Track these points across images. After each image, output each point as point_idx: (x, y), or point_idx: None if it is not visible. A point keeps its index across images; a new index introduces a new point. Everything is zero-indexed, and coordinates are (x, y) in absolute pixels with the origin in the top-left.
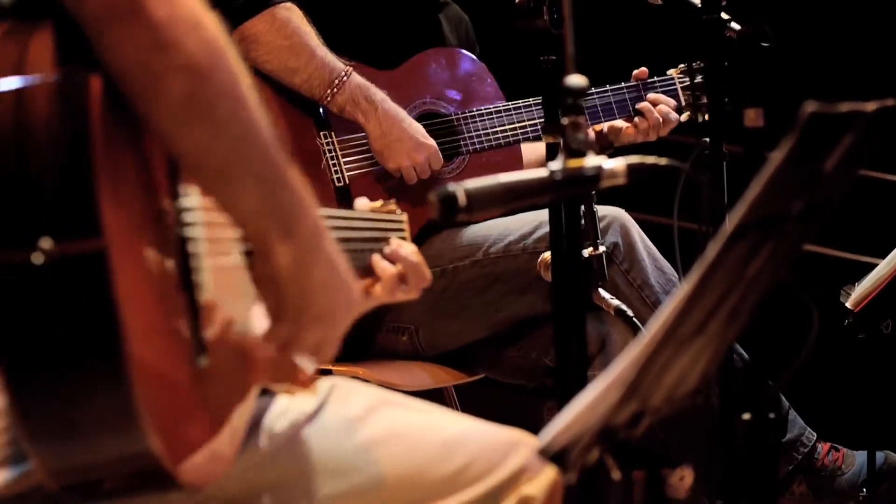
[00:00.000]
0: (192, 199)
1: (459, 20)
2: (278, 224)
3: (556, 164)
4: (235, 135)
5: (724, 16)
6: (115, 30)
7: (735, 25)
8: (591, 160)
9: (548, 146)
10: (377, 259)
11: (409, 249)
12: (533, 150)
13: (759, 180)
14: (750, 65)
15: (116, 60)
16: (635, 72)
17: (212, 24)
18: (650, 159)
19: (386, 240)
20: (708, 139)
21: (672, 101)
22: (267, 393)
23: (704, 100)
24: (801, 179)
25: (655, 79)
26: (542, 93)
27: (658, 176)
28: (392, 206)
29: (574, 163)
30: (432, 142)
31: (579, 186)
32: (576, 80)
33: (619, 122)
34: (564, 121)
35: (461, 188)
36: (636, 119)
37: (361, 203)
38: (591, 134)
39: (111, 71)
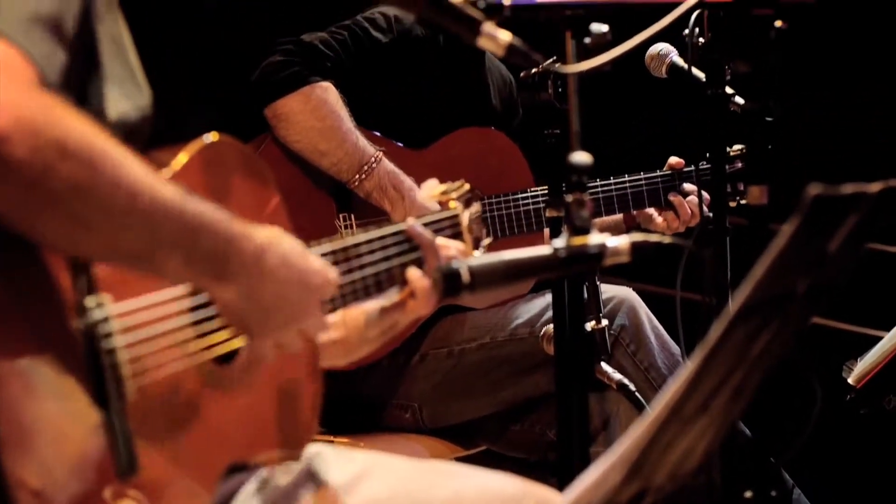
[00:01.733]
0: (105, 308)
1: (504, 83)
2: (209, 273)
3: (559, 242)
4: (137, 226)
5: (729, 90)
6: None
7: (739, 100)
8: (595, 238)
9: (551, 220)
10: (412, 271)
11: (452, 252)
12: None
13: (763, 262)
14: (754, 140)
15: None
16: (670, 160)
17: (78, 133)
18: (654, 237)
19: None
20: (711, 214)
21: (705, 195)
22: (242, 469)
23: (741, 187)
24: (805, 260)
25: (692, 168)
26: (546, 166)
27: (662, 252)
28: (456, 192)
29: (578, 240)
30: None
31: (583, 264)
32: (580, 157)
33: (651, 210)
34: (568, 198)
35: (464, 265)
36: (668, 213)
37: (431, 184)
38: (620, 216)
39: None
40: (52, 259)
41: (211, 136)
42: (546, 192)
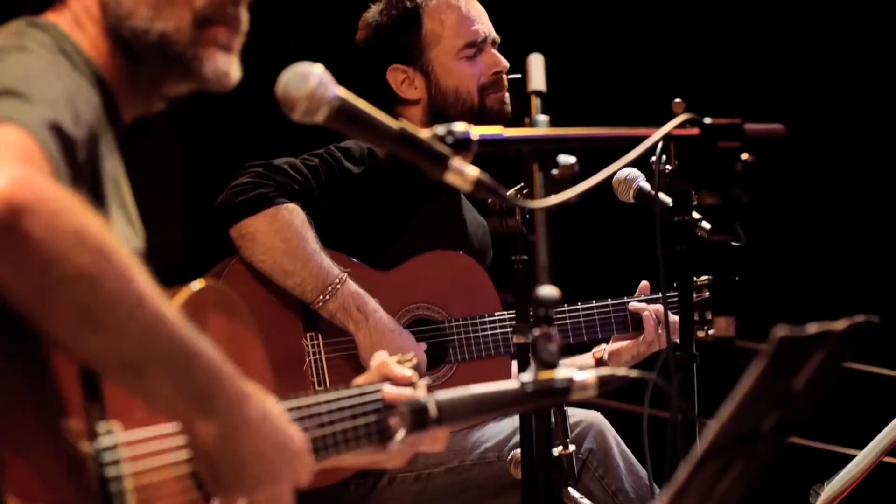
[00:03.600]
0: (114, 436)
1: (478, 224)
2: (195, 404)
3: (527, 376)
4: (137, 332)
5: (696, 215)
6: None
7: (706, 224)
8: (562, 372)
9: (518, 346)
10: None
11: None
12: None
13: (730, 402)
14: (721, 268)
15: (1, 286)
16: (642, 285)
17: (95, 228)
18: (620, 371)
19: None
20: (678, 340)
21: (673, 317)
22: None
23: (709, 316)
24: (771, 399)
25: (658, 295)
26: (514, 293)
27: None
28: (409, 362)
29: (545, 374)
30: (420, 351)
31: (550, 398)
32: (547, 290)
33: (619, 344)
34: (536, 332)
35: (432, 400)
36: (641, 336)
37: (382, 354)
38: (592, 360)
39: None
40: (68, 384)
41: (198, 284)
42: (513, 317)
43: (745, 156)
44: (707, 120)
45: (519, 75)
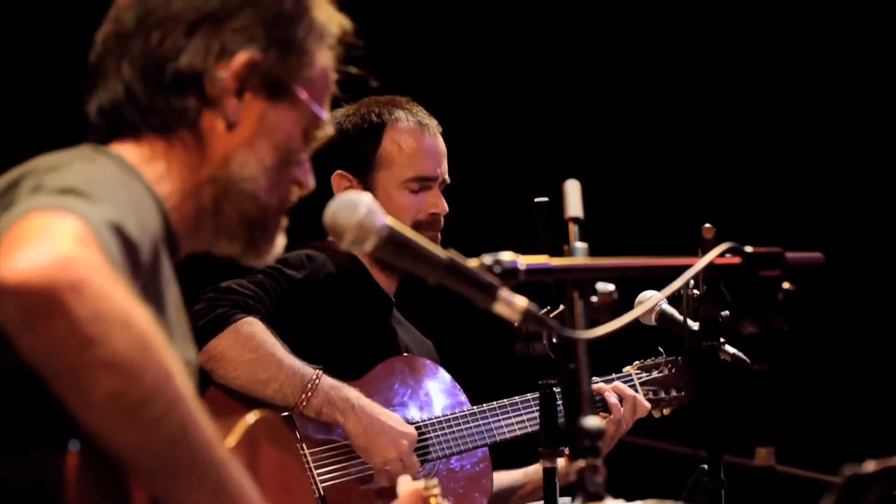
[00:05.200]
0: None
1: (422, 343)
2: None
3: None
4: (171, 434)
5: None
6: (34, 332)
7: (729, 349)
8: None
9: (545, 471)
10: None
11: None
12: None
13: None
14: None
15: (39, 361)
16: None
17: (142, 319)
18: None
19: None
20: (706, 466)
21: (632, 393)
22: None
23: (663, 395)
24: None
25: (613, 375)
26: (542, 417)
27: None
28: (435, 488)
29: None
30: (411, 428)
31: None
32: (592, 421)
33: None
34: (581, 463)
35: None
36: (607, 418)
37: (406, 479)
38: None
39: (36, 369)
40: None
41: (253, 416)
42: (483, 410)
43: (786, 285)
44: (748, 248)
45: (546, 199)
